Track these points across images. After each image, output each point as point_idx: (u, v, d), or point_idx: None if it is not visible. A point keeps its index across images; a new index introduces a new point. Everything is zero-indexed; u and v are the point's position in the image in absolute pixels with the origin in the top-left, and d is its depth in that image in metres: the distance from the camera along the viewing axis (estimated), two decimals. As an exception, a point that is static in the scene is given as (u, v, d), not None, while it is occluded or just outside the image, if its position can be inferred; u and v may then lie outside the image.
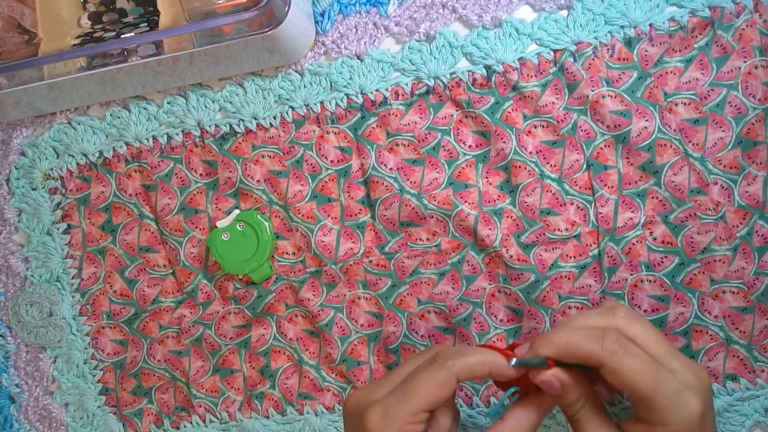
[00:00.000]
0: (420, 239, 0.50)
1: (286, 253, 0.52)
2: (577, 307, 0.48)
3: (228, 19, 0.42)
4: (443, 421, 0.39)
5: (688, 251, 0.47)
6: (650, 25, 0.46)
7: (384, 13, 0.49)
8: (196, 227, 0.53)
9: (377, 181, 0.49)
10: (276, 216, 0.52)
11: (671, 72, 0.46)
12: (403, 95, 0.49)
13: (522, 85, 0.47)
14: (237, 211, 0.52)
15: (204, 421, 0.55)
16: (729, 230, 0.46)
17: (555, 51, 0.47)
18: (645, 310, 0.48)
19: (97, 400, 0.56)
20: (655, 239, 0.47)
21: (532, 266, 0.48)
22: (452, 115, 0.49)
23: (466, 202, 0.49)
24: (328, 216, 0.51)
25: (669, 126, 0.46)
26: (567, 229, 0.48)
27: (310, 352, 0.53)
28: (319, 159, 0.51)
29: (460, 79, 0.48)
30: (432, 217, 0.49)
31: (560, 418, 0.50)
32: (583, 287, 0.48)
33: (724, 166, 0.46)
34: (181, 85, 0.52)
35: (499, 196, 0.49)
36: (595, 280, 0.48)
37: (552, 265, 0.48)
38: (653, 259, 0.47)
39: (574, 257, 0.48)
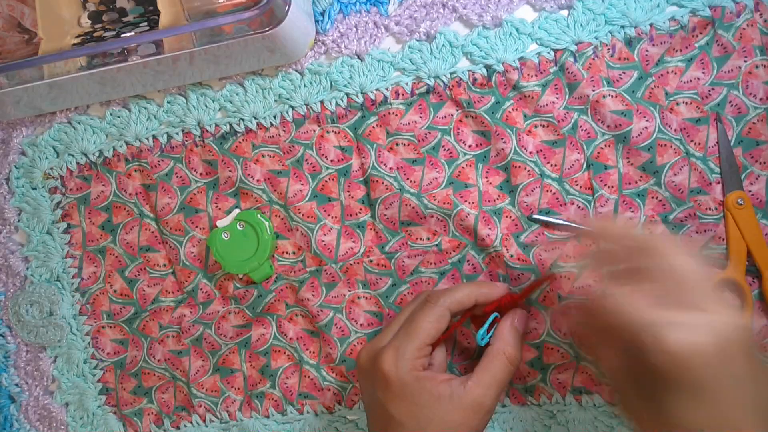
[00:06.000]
0: (420, 238, 0.50)
1: (286, 253, 0.52)
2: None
3: (228, 18, 0.42)
4: (439, 357, 0.46)
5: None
6: (651, 24, 0.46)
7: (384, 13, 0.49)
8: (196, 227, 0.53)
9: (377, 181, 0.49)
10: (276, 215, 0.52)
11: (672, 71, 0.46)
12: (403, 95, 0.49)
13: (522, 85, 0.47)
14: (237, 211, 0.52)
15: (204, 421, 0.55)
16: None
17: (555, 51, 0.47)
18: (645, 310, 0.48)
19: (97, 399, 0.56)
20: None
21: (532, 266, 0.48)
22: (452, 115, 0.49)
23: (466, 201, 0.49)
24: (329, 215, 0.51)
25: (669, 126, 0.46)
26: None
27: (310, 352, 0.53)
28: (319, 158, 0.51)
29: (461, 79, 0.48)
30: (432, 216, 0.49)
31: (560, 418, 0.50)
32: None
33: (725, 166, 0.46)
34: (181, 84, 0.52)
35: (498, 195, 0.49)
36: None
37: (552, 265, 0.48)
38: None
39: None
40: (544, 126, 0.48)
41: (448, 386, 0.41)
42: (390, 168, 0.49)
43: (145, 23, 0.44)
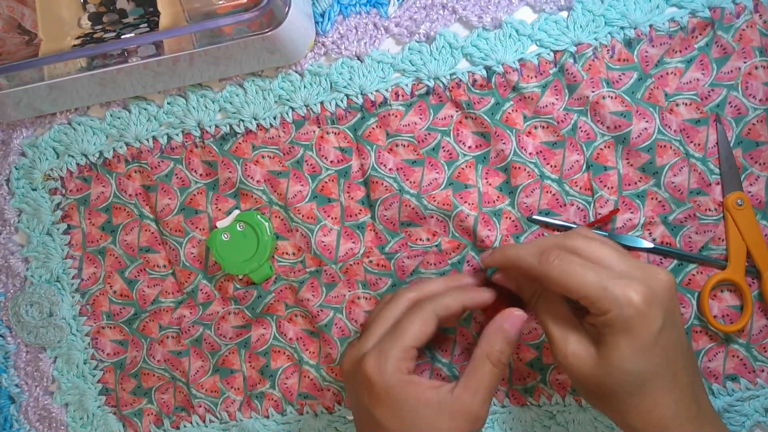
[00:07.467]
0: (420, 239, 0.50)
1: (286, 254, 0.52)
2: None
3: (228, 19, 0.42)
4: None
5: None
6: (650, 25, 0.46)
7: (384, 14, 0.49)
8: (196, 227, 0.53)
9: (377, 182, 0.49)
10: (276, 216, 0.52)
11: (672, 72, 0.46)
12: (403, 96, 0.49)
13: (522, 86, 0.47)
14: (237, 212, 0.52)
15: (204, 421, 0.55)
16: (729, 231, 0.46)
17: (555, 52, 0.47)
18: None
19: (97, 400, 0.56)
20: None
21: (532, 267, 0.48)
22: (452, 116, 0.49)
23: (465, 202, 0.49)
24: (328, 216, 0.51)
25: (669, 127, 0.46)
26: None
27: (310, 352, 0.53)
28: (319, 159, 0.51)
29: (460, 80, 0.48)
30: (432, 217, 0.49)
31: (560, 418, 0.50)
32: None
33: (724, 167, 0.46)
34: (181, 85, 0.52)
35: (498, 196, 0.49)
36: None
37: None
38: (652, 259, 0.47)
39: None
40: (543, 127, 0.48)
41: (435, 393, 0.40)
42: (390, 169, 0.50)
43: (145, 24, 0.44)
